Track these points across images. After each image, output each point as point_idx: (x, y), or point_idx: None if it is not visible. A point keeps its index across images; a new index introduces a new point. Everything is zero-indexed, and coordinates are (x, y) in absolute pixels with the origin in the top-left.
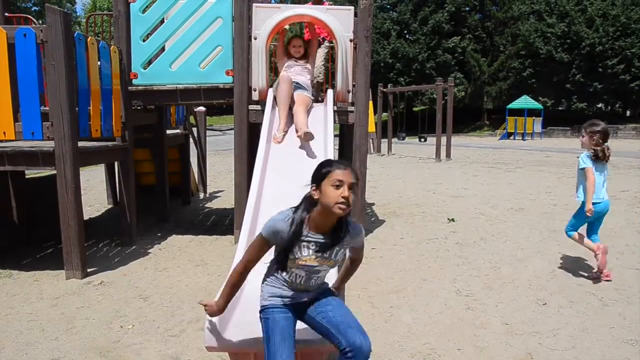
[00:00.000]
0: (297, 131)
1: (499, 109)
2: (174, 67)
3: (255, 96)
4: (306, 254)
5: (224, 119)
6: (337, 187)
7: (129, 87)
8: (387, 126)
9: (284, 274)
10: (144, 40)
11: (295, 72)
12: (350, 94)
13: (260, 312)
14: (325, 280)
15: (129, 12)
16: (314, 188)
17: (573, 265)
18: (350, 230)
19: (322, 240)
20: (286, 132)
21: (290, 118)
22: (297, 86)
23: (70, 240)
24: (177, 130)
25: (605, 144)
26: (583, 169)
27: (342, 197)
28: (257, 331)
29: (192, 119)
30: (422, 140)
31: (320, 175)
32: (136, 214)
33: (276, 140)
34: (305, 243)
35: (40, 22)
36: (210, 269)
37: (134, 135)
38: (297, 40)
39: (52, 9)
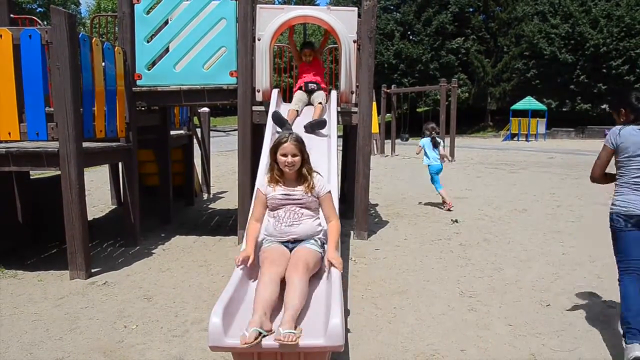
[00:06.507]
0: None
1: (502, 110)
2: (178, 68)
3: (258, 97)
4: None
5: (228, 120)
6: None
7: (133, 88)
8: (391, 127)
9: None
10: (148, 42)
11: (290, 218)
12: (354, 94)
13: None
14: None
15: (133, 13)
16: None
17: (576, 267)
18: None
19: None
20: (271, 330)
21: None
22: (295, 243)
23: (75, 241)
24: (181, 131)
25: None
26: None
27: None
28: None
29: (196, 120)
30: None
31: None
32: (140, 215)
33: (244, 342)
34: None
35: (45, 23)
36: (213, 269)
37: (138, 136)
38: (289, 147)
39: (57, 10)
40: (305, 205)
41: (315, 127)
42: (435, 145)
